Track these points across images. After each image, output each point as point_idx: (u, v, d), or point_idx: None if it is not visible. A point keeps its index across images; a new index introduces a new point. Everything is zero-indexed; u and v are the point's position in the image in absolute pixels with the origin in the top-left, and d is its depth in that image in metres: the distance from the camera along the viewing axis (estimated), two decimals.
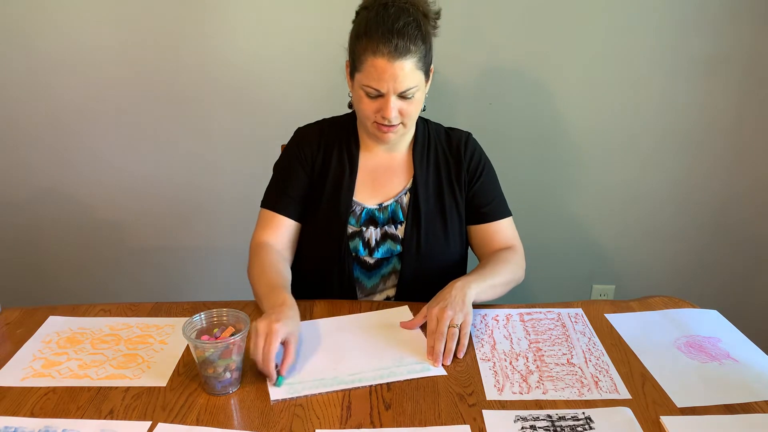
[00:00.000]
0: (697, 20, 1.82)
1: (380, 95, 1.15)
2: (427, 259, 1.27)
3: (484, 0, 1.81)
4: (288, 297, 1.10)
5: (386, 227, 1.28)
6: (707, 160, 2.00)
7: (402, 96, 1.15)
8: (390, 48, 1.10)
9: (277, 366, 0.98)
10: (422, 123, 1.33)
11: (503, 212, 1.33)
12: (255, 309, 1.19)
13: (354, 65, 1.17)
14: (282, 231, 1.29)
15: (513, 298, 1.28)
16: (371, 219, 1.28)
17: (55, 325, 1.14)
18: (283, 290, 1.13)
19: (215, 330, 0.99)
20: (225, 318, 1.01)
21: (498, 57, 1.88)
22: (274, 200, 1.30)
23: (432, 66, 1.22)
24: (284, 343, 1.01)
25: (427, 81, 1.21)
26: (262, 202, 1.33)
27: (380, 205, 1.28)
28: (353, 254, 1.28)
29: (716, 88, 1.91)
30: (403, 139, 1.29)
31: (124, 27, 1.84)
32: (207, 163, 2.00)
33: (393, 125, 1.19)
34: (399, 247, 1.27)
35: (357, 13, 1.20)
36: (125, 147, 1.98)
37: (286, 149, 1.35)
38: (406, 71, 1.12)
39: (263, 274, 1.19)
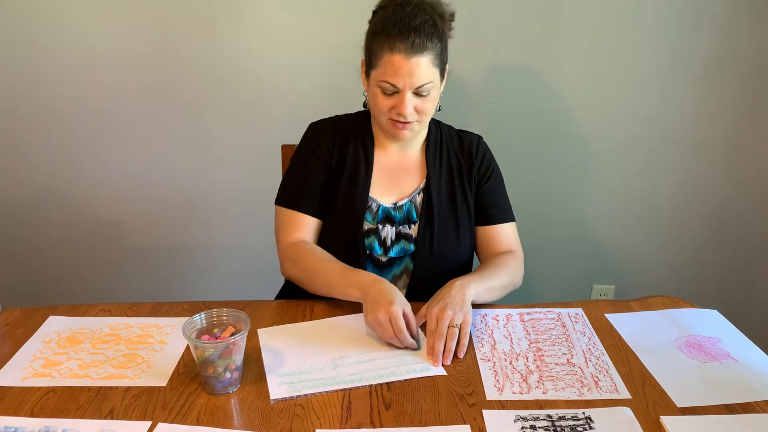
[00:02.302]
0: (697, 20, 1.82)
1: (396, 91, 1.16)
2: (439, 259, 1.28)
3: (484, 0, 1.81)
4: (367, 273, 1.16)
5: (401, 227, 1.28)
6: (707, 160, 2.00)
7: (417, 93, 1.16)
8: (407, 44, 1.11)
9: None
10: (434, 124, 1.34)
11: (507, 216, 1.34)
12: (255, 309, 1.19)
13: (370, 62, 1.18)
14: (308, 230, 1.29)
15: (513, 298, 1.28)
16: (388, 217, 1.28)
17: (55, 325, 1.14)
18: (354, 269, 1.17)
19: (215, 330, 0.99)
20: (225, 318, 1.01)
21: (497, 57, 1.88)
22: (294, 198, 1.29)
23: (447, 66, 1.22)
24: (404, 315, 1.06)
25: (442, 79, 1.21)
26: (279, 199, 1.31)
27: (395, 204, 1.29)
28: (367, 252, 1.28)
29: (716, 88, 1.91)
30: (416, 138, 1.29)
31: (124, 26, 1.84)
32: (208, 163, 2.00)
33: (408, 122, 1.19)
34: (412, 247, 1.28)
35: (374, 12, 1.21)
36: (126, 147, 1.98)
37: (301, 144, 1.34)
38: (423, 67, 1.13)
39: (324, 262, 1.21)
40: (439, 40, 1.15)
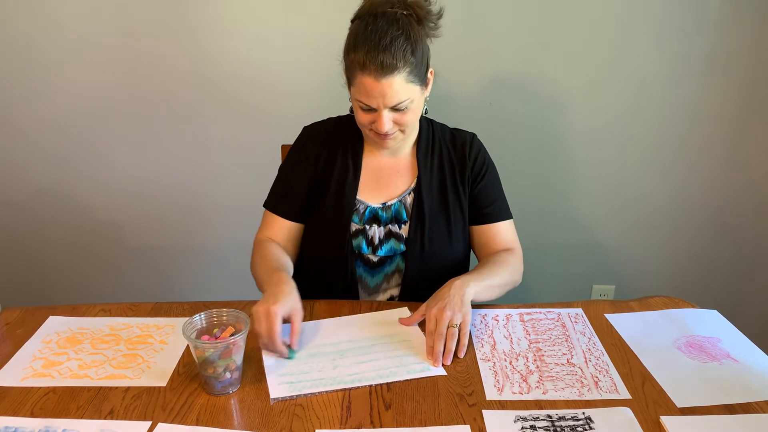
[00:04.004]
0: (697, 20, 1.82)
1: (373, 109, 1.15)
2: (431, 259, 1.28)
3: (484, 0, 1.81)
4: (283, 275, 1.13)
5: (390, 226, 1.28)
6: (707, 160, 2.00)
7: (395, 108, 1.15)
8: (376, 65, 1.09)
9: (286, 342, 1.04)
10: (427, 123, 1.33)
11: (504, 214, 1.33)
12: None
13: (347, 78, 1.18)
14: (281, 232, 1.31)
15: (513, 298, 1.28)
16: (375, 217, 1.28)
17: (55, 325, 1.14)
18: (279, 270, 1.16)
19: (215, 330, 0.99)
20: (225, 318, 1.01)
21: (498, 57, 1.88)
22: (275, 202, 1.32)
23: (431, 70, 1.21)
24: (290, 319, 1.05)
25: (425, 87, 1.20)
26: (265, 202, 1.34)
27: (384, 204, 1.29)
28: (356, 252, 1.28)
29: (716, 88, 1.91)
30: (405, 142, 1.29)
31: (123, 28, 1.84)
32: (207, 164, 2.01)
33: (389, 134, 1.19)
34: (402, 246, 1.28)
35: (351, 21, 1.19)
36: (125, 147, 1.98)
37: (291, 149, 1.35)
38: (395, 88, 1.11)
39: (262, 262, 1.22)
40: (413, 54, 1.11)
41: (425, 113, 1.27)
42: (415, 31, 1.13)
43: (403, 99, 1.13)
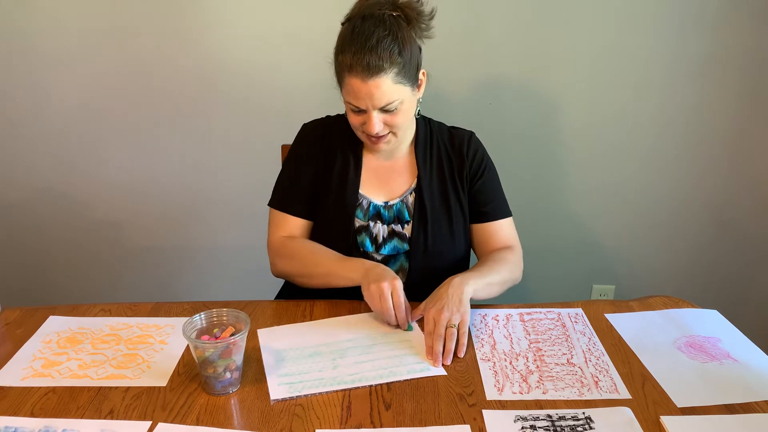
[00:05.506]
0: (696, 20, 1.82)
1: (363, 110, 1.15)
2: (435, 258, 1.28)
3: (484, 0, 1.81)
4: (362, 259, 1.19)
5: (393, 225, 1.28)
6: (706, 159, 2.00)
7: (385, 109, 1.15)
8: (363, 66, 1.09)
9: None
10: (424, 122, 1.33)
11: (503, 212, 1.33)
12: (255, 309, 1.20)
13: (338, 80, 1.18)
14: (296, 231, 1.31)
15: (513, 298, 1.28)
16: (378, 215, 1.28)
17: (55, 325, 1.14)
18: (356, 257, 1.20)
19: (215, 330, 0.99)
20: (225, 318, 1.01)
21: (498, 57, 1.88)
22: (284, 200, 1.31)
23: (423, 71, 1.21)
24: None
25: (416, 88, 1.19)
26: (271, 201, 1.33)
27: (386, 203, 1.29)
28: (360, 249, 1.28)
29: (715, 88, 1.91)
30: (399, 144, 1.29)
31: (123, 28, 1.84)
32: (207, 164, 2.00)
33: (381, 136, 1.19)
34: (406, 246, 1.28)
35: (341, 24, 1.19)
36: (125, 147, 1.98)
37: (292, 146, 1.35)
38: (383, 89, 1.11)
39: (319, 253, 1.24)
40: (400, 54, 1.11)
41: (418, 115, 1.27)
42: (403, 32, 1.13)
43: (391, 100, 1.13)
